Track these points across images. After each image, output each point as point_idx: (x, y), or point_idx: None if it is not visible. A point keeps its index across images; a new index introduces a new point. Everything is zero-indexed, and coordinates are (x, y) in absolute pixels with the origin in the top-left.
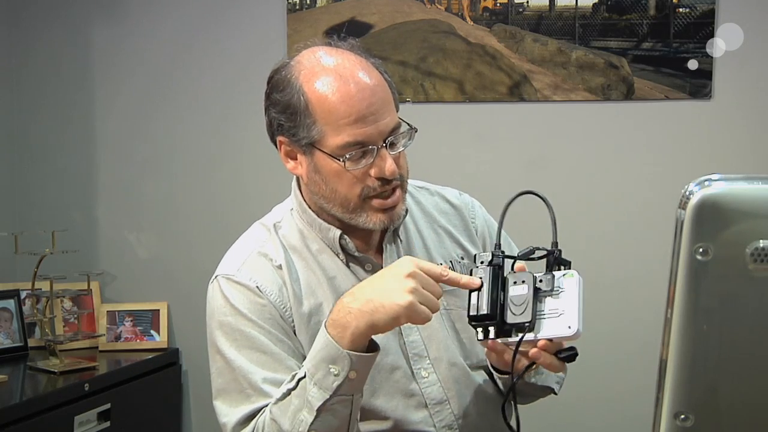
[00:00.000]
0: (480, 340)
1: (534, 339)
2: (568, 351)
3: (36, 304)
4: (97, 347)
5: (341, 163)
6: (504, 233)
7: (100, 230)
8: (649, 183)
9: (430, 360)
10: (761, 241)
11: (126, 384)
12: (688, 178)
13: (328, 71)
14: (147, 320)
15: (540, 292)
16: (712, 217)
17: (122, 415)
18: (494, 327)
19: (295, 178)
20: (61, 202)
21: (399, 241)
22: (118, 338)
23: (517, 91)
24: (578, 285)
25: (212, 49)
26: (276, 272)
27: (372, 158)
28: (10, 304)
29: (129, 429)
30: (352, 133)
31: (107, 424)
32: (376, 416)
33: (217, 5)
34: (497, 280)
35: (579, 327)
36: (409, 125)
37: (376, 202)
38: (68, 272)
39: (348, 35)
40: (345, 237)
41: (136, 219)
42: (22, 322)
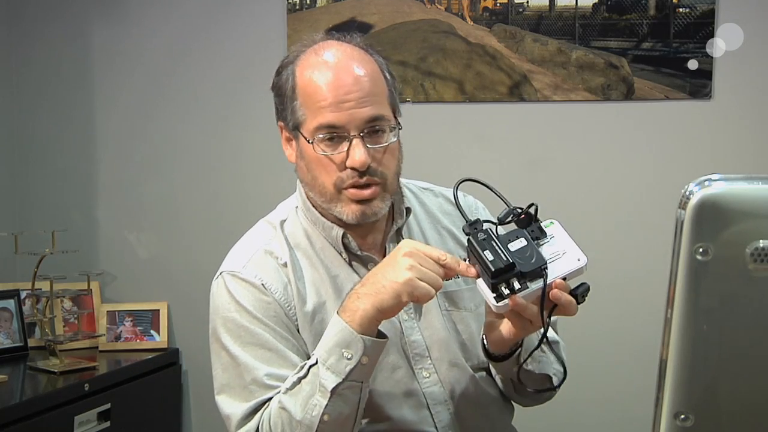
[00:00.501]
0: (501, 302)
1: (551, 281)
2: (582, 287)
3: (36, 304)
4: (97, 347)
5: (311, 144)
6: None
7: (100, 230)
8: (649, 183)
9: (431, 360)
10: (761, 241)
11: (126, 384)
12: (688, 178)
13: (320, 59)
14: (147, 320)
15: (536, 241)
16: (712, 217)
17: (122, 415)
18: (515, 279)
19: None
20: (61, 202)
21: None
22: (118, 338)
23: (517, 91)
24: (563, 228)
25: (212, 49)
26: (281, 270)
27: (347, 147)
28: (10, 304)
29: (129, 429)
30: (326, 116)
31: (107, 424)
32: (377, 415)
33: (217, 5)
34: (497, 239)
35: (586, 258)
36: (398, 122)
37: (350, 192)
38: (68, 272)
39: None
40: (348, 236)
41: (136, 219)
42: (22, 322)
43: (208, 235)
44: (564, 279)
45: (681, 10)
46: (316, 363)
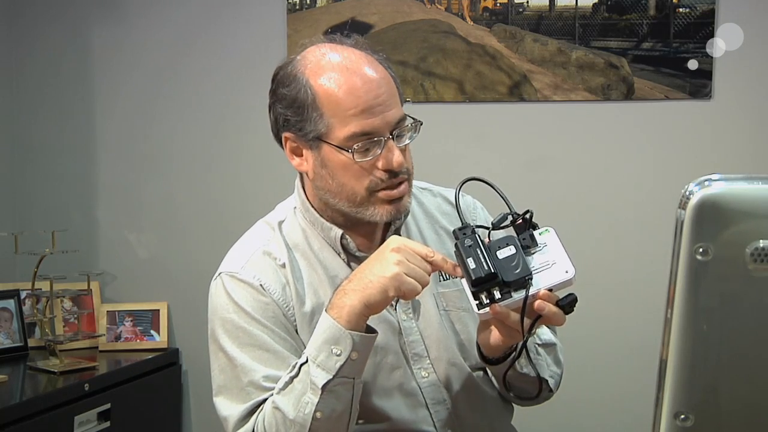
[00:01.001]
0: (482, 310)
1: (535, 292)
2: (568, 298)
3: (36, 304)
4: (97, 347)
5: (349, 154)
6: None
7: (100, 230)
8: (649, 183)
9: (430, 360)
10: (761, 241)
11: (126, 384)
12: (688, 178)
13: (333, 65)
14: (147, 320)
15: (526, 250)
16: (712, 217)
17: (122, 415)
18: (498, 288)
19: (299, 176)
20: (61, 202)
21: None
22: (118, 338)
23: (517, 91)
24: (558, 237)
25: (212, 49)
26: (279, 271)
27: (380, 150)
28: (10, 304)
29: (129, 429)
30: (359, 123)
31: (107, 424)
32: (377, 415)
33: (217, 5)
34: (484, 246)
35: (574, 271)
36: (414, 119)
37: (383, 194)
38: (68, 272)
39: (349, 33)
40: (346, 237)
41: (136, 219)
42: (22, 322)
43: (208, 235)
44: (551, 290)
45: (681, 10)
46: (307, 361)
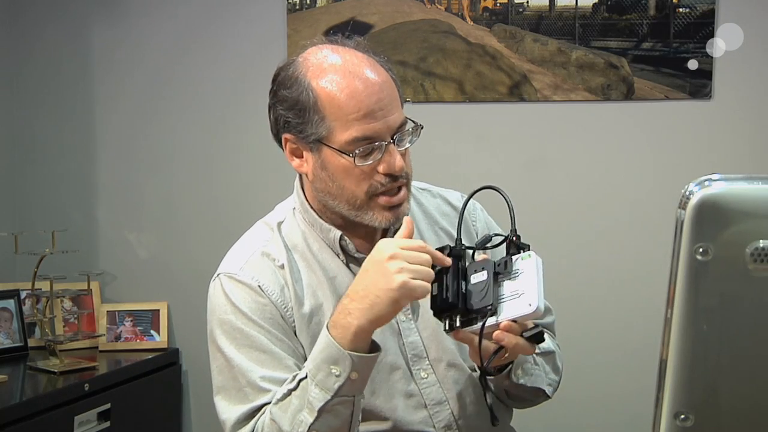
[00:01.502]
0: (446, 332)
1: (497, 322)
2: (533, 330)
3: (36, 304)
4: (97, 347)
5: (350, 158)
6: (499, 229)
7: (100, 230)
8: (649, 183)
9: (429, 361)
10: (761, 241)
11: (126, 384)
12: (688, 178)
13: (335, 68)
14: (147, 320)
15: (499, 277)
16: (712, 217)
17: (122, 415)
18: (459, 315)
19: (298, 177)
20: (61, 202)
21: None
22: (118, 338)
23: (517, 91)
24: (536, 265)
25: (212, 49)
26: (278, 272)
27: (380, 154)
28: (10, 304)
29: (129, 429)
30: (361, 128)
31: (107, 424)
32: (376, 416)
33: (217, 5)
34: (458, 271)
35: (539, 304)
36: (414, 122)
37: (382, 200)
38: (68, 272)
39: (350, 34)
40: (345, 238)
41: (136, 219)
42: (22, 322)
43: (208, 235)
44: (515, 321)
45: (681, 10)
46: (306, 377)
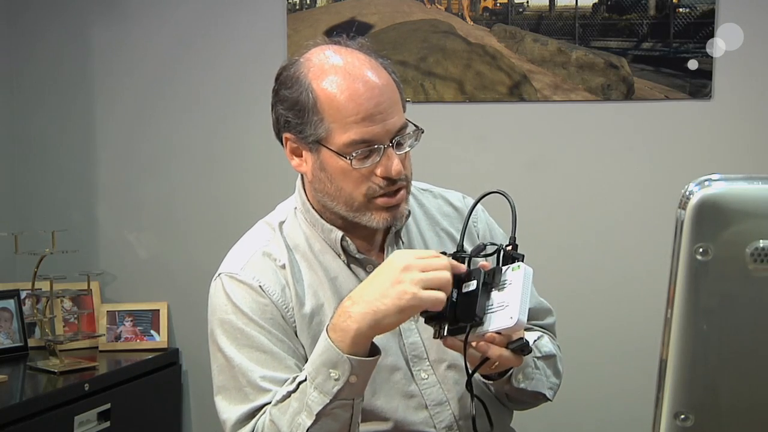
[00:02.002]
0: (435, 338)
1: (482, 333)
2: (516, 342)
3: (36, 304)
4: (97, 347)
5: (348, 161)
6: (502, 233)
7: (100, 230)
8: (649, 183)
9: (429, 362)
10: (761, 241)
11: (126, 384)
12: (688, 178)
13: (336, 69)
14: (147, 320)
15: (487, 287)
16: (712, 217)
17: (122, 415)
18: (447, 324)
19: (300, 177)
20: (61, 202)
21: (401, 243)
22: (118, 338)
23: (517, 91)
24: (523, 277)
25: (212, 49)
26: (279, 272)
27: (378, 157)
28: (10, 304)
29: (129, 429)
30: (359, 131)
31: (107, 424)
32: (377, 417)
33: (217, 5)
34: (454, 278)
35: (519, 317)
36: (415, 126)
37: (380, 201)
38: (68, 272)
39: (354, 35)
40: (346, 239)
41: (136, 219)
42: (22, 322)
43: (208, 235)
44: (499, 332)
45: (681, 10)
46: (305, 380)
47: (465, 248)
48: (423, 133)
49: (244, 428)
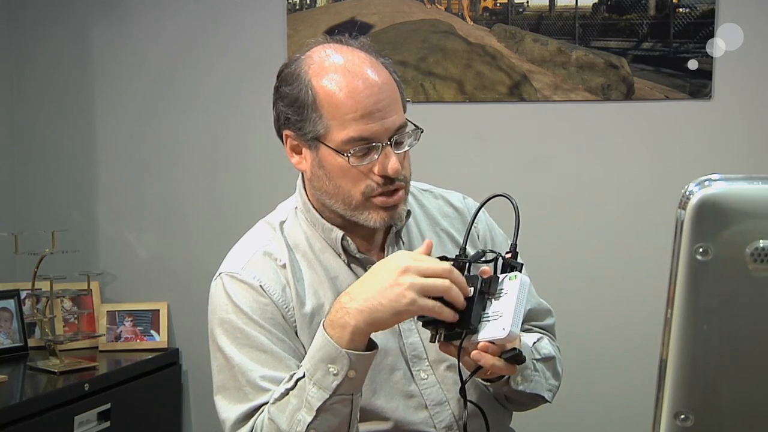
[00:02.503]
0: (431, 342)
1: (475, 341)
2: (510, 352)
3: (36, 304)
4: (97, 347)
5: (345, 158)
6: (503, 234)
7: (100, 230)
8: (648, 183)
9: (429, 362)
10: (761, 241)
11: (126, 384)
12: (688, 178)
13: (336, 67)
14: (147, 320)
15: (484, 295)
16: (712, 217)
17: (122, 415)
18: (443, 329)
19: (300, 176)
20: (61, 202)
21: (401, 243)
22: (118, 338)
23: (517, 91)
24: (519, 287)
25: (212, 49)
26: (280, 272)
27: (377, 155)
28: (10, 304)
29: (129, 429)
30: (358, 128)
31: (107, 424)
32: (377, 417)
33: (217, 5)
34: None
35: (512, 329)
36: (415, 125)
37: (378, 200)
38: (68, 272)
39: (356, 35)
40: (347, 238)
41: (136, 219)
42: (22, 322)
43: (208, 235)
44: (493, 342)
45: (681, 10)
46: (304, 376)
47: (468, 251)
48: (423, 132)
49: (243, 427)
